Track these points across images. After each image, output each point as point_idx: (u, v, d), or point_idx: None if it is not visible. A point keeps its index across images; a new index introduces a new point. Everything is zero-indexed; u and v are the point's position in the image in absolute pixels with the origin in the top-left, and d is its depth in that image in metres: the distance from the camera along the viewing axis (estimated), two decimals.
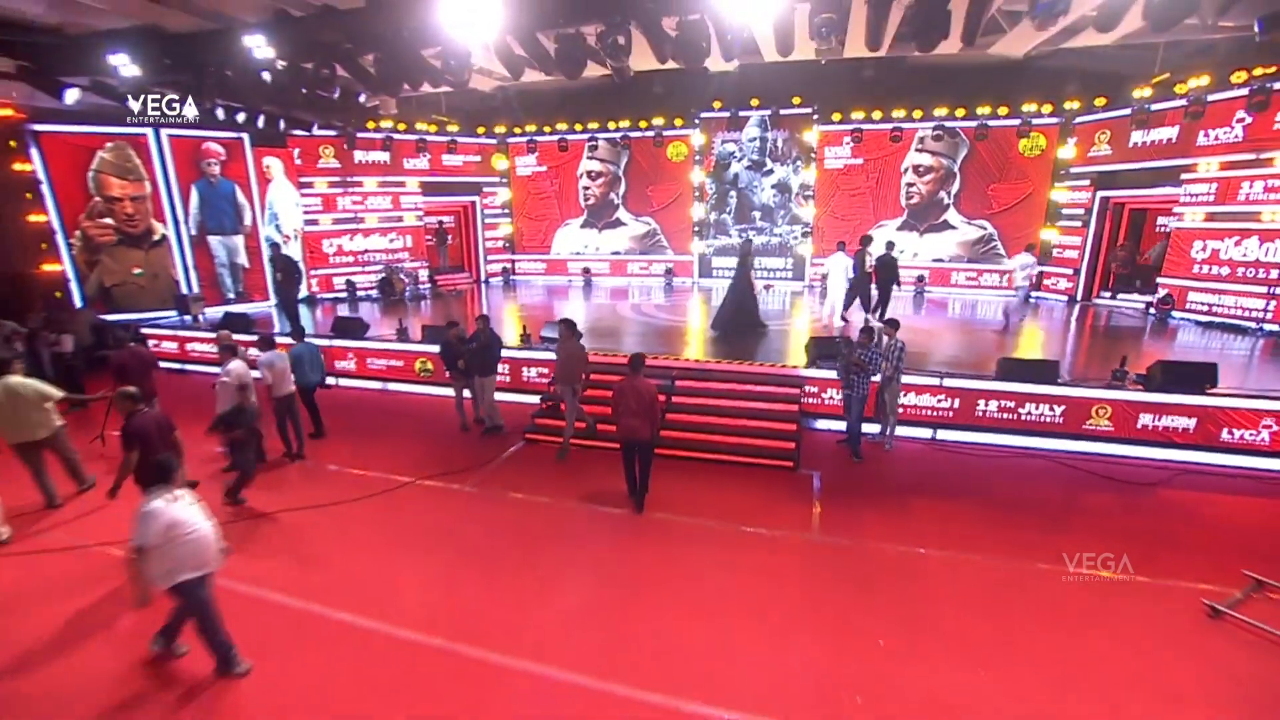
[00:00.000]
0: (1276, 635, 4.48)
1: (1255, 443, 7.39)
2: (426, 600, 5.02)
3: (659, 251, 18.49)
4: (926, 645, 4.47)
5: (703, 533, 6.02)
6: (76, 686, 4.11)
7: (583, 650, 4.41)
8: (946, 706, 3.92)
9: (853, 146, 16.10)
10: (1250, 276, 11.16)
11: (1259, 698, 4.01)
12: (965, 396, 8.14)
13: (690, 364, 8.95)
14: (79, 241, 12.89)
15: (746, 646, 4.47)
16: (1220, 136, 11.46)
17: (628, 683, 4.11)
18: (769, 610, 4.87)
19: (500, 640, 4.50)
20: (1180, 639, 4.55)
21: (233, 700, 4.00)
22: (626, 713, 3.88)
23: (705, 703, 3.93)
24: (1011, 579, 5.29)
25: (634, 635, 4.59)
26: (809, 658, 4.36)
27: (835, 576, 5.34)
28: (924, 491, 6.90)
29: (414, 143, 16.63)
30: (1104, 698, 4.00)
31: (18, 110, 11.37)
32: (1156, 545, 5.73)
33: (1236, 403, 7.32)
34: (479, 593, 5.10)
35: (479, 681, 4.14)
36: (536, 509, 6.55)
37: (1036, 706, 3.93)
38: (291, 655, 4.38)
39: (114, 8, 7.44)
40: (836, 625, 4.70)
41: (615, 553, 5.77)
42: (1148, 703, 3.97)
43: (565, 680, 4.13)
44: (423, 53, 7.25)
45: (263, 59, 7.28)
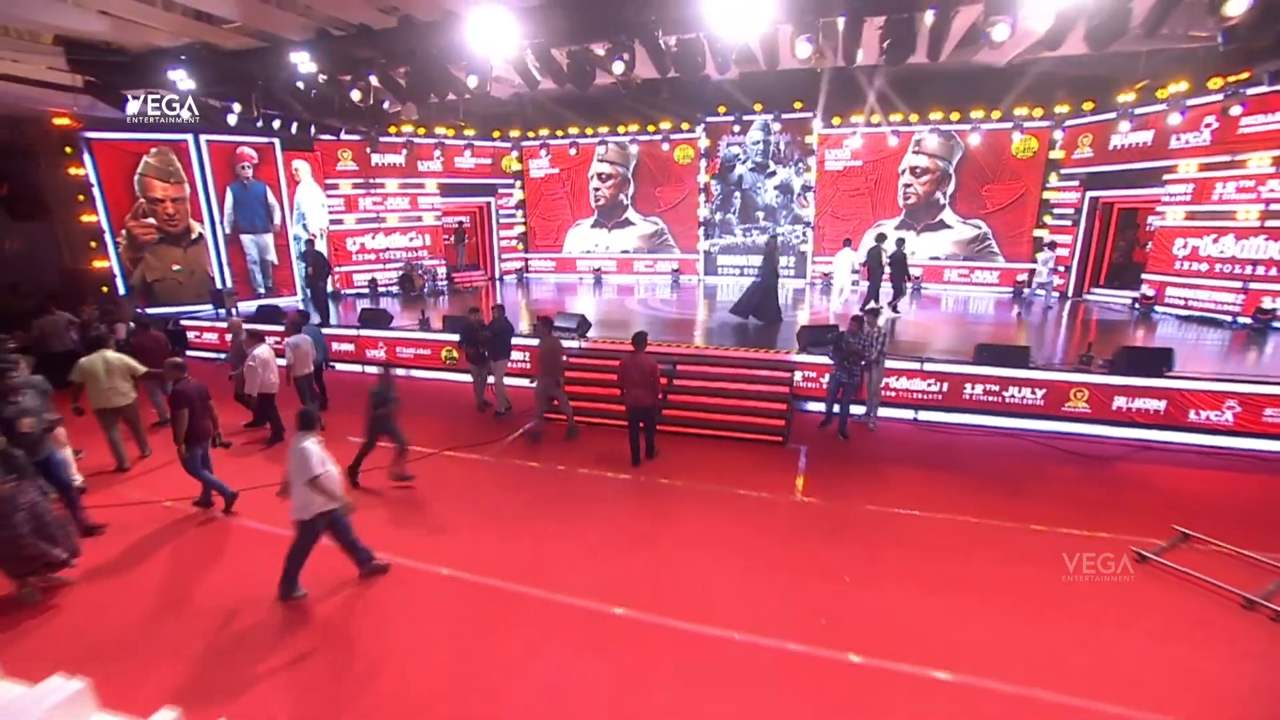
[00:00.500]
0: (1190, 575, 5.17)
1: (1219, 423, 8.01)
2: (455, 546, 5.80)
3: (666, 250, 19.24)
4: (887, 581, 5.20)
5: (698, 494, 6.78)
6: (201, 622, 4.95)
7: (591, 583, 5.17)
8: (899, 626, 4.64)
9: (852, 151, 16.77)
10: (1225, 272, 11.74)
11: (1162, 618, 4.71)
12: (952, 380, 8.81)
13: (692, 350, 9.72)
14: (124, 240, 13.86)
15: (730, 580, 5.22)
16: (1190, 140, 12.09)
17: (628, 606, 4.87)
18: (751, 554, 5.61)
19: (520, 575, 5.28)
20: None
21: (336, 619, 4.81)
22: (628, 630, 4.64)
23: (692, 621, 4.68)
24: (971, 533, 6.00)
25: (634, 572, 5.36)
26: (783, 589, 5.10)
27: (812, 529, 6.08)
28: (901, 463, 7.61)
29: (431, 146, 17.50)
30: (1036, 617, 4.72)
31: (74, 119, 12.33)
32: (1103, 508, 6.41)
33: (1191, 385, 7.96)
34: (499, 540, 5.88)
35: (505, 604, 4.92)
36: (550, 474, 7.33)
37: (978, 625, 4.64)
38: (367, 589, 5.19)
39: (172, 28, 8.32)
40: (809, 566, 5.43)
41: (620, 509, 6.55)
42: (1070, 619, 4.68)
43: (575, 604, 4.90)
44: (448, 66, 8.08)
45: (305, 73, 8.15)
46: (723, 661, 4.29)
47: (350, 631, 4.64)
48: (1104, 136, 13.96)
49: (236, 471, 6.96)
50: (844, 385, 8.18)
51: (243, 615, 4.82)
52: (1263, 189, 11.06)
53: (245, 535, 6.08)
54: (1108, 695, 3.94)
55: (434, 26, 7.65)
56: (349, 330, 12.07)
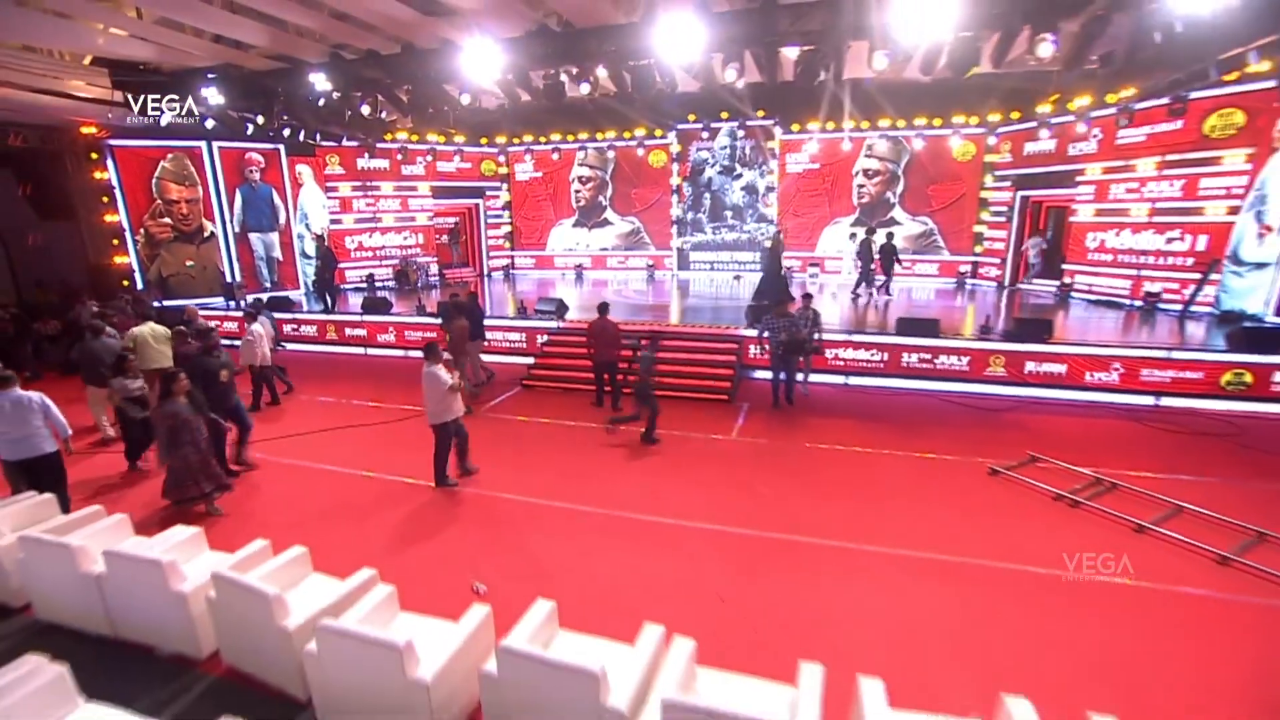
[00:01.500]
0: (1025, 481, 6.74)
1: (1108, 382, 9.61)
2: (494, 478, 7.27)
3: (642, 247, 20.76)
4: (794, 492, 6.72)
5: (672, 441, 8.25)
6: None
7: (566, 494, 6.65)
8: (797, 520, 6.13)
9: (811, 155, 18.39)
10: (1123, 261, 13.46)
11: (997, 507, 6.27)
12: (890, 350, 10.35)
13: (655, 327, 11.22)
14: (143, 238, 15.15)
15: (675, 491, 6.73)
16: (1082, 148, 13.93)
17: (592, 504, 6.36)
18: (692, 475, 7.12)
19: (514, 489, 6.76)
20: (966, 485, 6.80)
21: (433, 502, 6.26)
22: (623, 524, 6.10)
23: (643, 513, 6.18)
24: (871, 459, 7.55)
25: (602, 486, 6.85)
26: (713, 498, 6.60)
27: (742, 459, 7.61)
28: (823, 415, 9.16)
29: (424, 151, 18.88)
30: (910, 509, 6.25)
31: (100, 128, 13.63)
32: (982, 443, 7.98)
33: (1061, 349, 9.62)
34: (517, 472, 7.31)
35: (494, 506, 6.40)
36: (530, 426, 8.79)
37: (864, 519, 6.13)
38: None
39: (205, 52, 9.72)
40: (735, 482, 6.95)
41: (590, 449, 8.02)
42: (940, 510, 6.22)
43: (552, 506, 6.39)
44: (443, 85, 9.53)
45: (321, 90, 9.56)
46: (684, 540, 5.78)
47: (477, 511, 6.12)
48: (1023, 143, 15.73)
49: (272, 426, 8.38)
50: (779, 356, 9.63)
51: (413, 501, 6.38)
52: (1144, 189, 12.82)
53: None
54: (953, 551, 5.47)
55: (432, 53, 9.11)
56: (354, 316, 13.49)
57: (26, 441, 5.44)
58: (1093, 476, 6.79)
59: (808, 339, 9.71)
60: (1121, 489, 6.55)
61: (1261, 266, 11.42)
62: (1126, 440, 8.15)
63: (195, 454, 5.98)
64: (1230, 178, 11.65)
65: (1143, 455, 7.56)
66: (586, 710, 2.92)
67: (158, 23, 8.85)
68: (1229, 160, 11.68)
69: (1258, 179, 11.33)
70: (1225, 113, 11.58)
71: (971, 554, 5.42)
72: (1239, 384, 9.21)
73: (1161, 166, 12.65)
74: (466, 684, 3.40)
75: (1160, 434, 8.34)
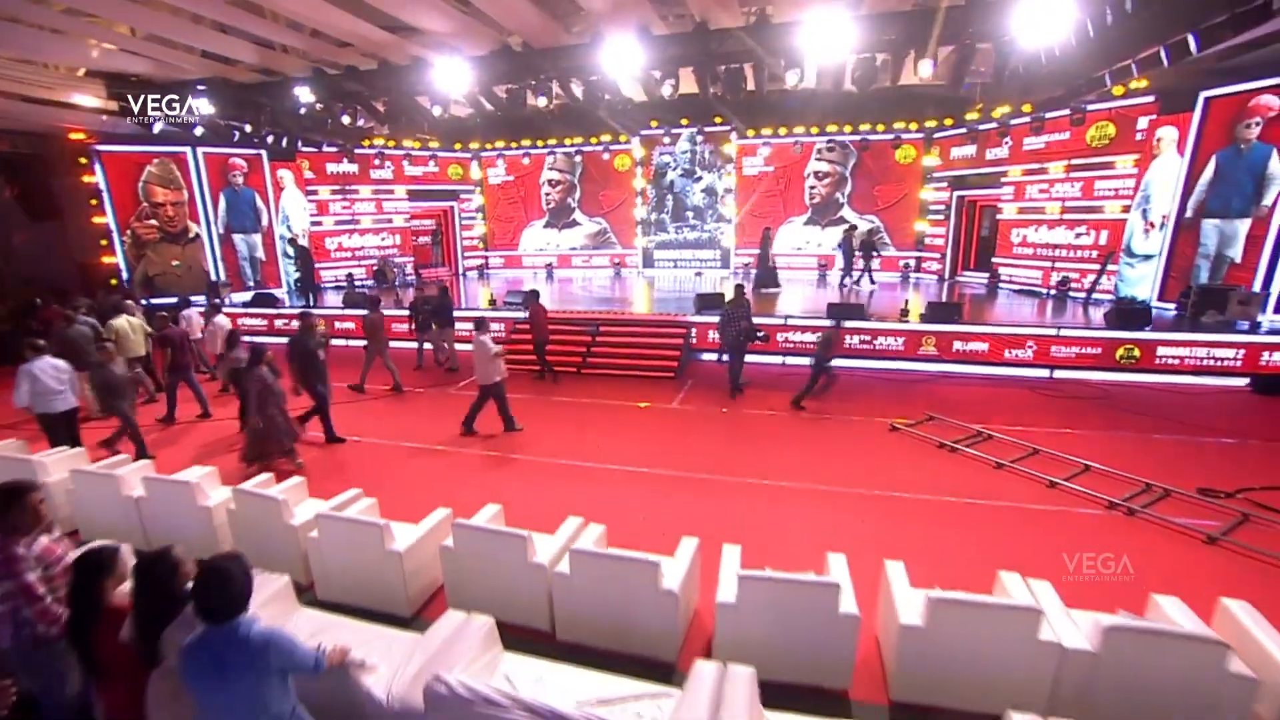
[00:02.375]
0: (918, 434, 7.98)
1: (1024, 358, 10.88)
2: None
3: (609, 246, 21.89)
4: (719, 445, 7.87)
5: (609, 407, 9.40)
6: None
7: (561, 451, 7.73)
8: (718, 464, 7.27)
9: (765, 159, 19.69)
10: (1041, 254, 14.92)
11: (892, 454, 7.49)
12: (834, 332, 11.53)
13: (611, 315, 12.37)
14: (129, 239, 15.89)
15: (625, 446, 7.84)
16: (996, 154, 15.43)
17: (564, 457, 7.45)
18: (638, 433, 8.25)
19: (524, 449, 7.81)
20: (870, 439, 8.00)
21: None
22: (592, 471, 7.18)
23: (599, 462, 7.29)
24: (786, 421, 8.73)
25: (567, 439, 7.94)
26: (654, 448, 7.71)
27: (678, 422, 8.76)
28: (756, 389, 10.33)
29: (396, 156, 19.82)
30: (830, 455, 7.43)
31: (88, 134, 14.40)
32: (892, 406, 9.19)
33: (967, 328, 10.94)
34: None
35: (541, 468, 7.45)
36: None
37: (774, 463, 7.29)
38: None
39: (195, 65, 10.64)
40: (670, 436, 8.09)
41: (551, 414, 9.11)
42: (850, 456, 7.41)
43: (560, 462, 7.46)
44: (416, 98, 10.56)
45: (305, 102, 10.53)
46: (614, 478, 6.89)
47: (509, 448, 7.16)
48: (950, 149, 17.23)
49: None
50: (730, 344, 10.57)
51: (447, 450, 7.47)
52: (1053, 190, 14.31)
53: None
54: (861, 485, 6.64)
55: (406, 68, 10.13)
56: (337, 310, 14.43)
57: (60, 397, 6.46)
58: (974, 430, 8.05)
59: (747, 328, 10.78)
60: (996, 439, 7.80)
61: (1148, 258, 12.91)
62: (1013, 403, 9.45)
63: (280, 415, 6.96)
64: (1121, 180, 13.15)
65: (1023, 414, 8.86)
66: (518, 565, 4.02)
67: (149, 39, 9.75)
68: (1120, 165, 13.18)
69: (1143, 181, 12.83)
70: (1100, 125, 13.14)
71: (861, 486, 6.60)
72: (1129, 357, 10.56)
73: (1069, 170, 14.13)
74: (431, 562, 4.46)
75: (1043, 398, 9.66)
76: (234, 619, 2.28)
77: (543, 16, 8.68)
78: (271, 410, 6.90)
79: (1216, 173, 11.69)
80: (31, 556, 2.92)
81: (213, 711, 2.28)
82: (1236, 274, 11.48)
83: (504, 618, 3.57)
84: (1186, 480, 6.38)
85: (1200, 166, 11.91)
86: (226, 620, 2.26)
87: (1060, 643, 3.24)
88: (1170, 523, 5.69)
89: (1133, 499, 6.12)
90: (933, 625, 3.37)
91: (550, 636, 4.12)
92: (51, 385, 6.59)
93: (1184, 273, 12.32)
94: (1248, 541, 5.31)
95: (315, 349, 7.87)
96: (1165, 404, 9.22)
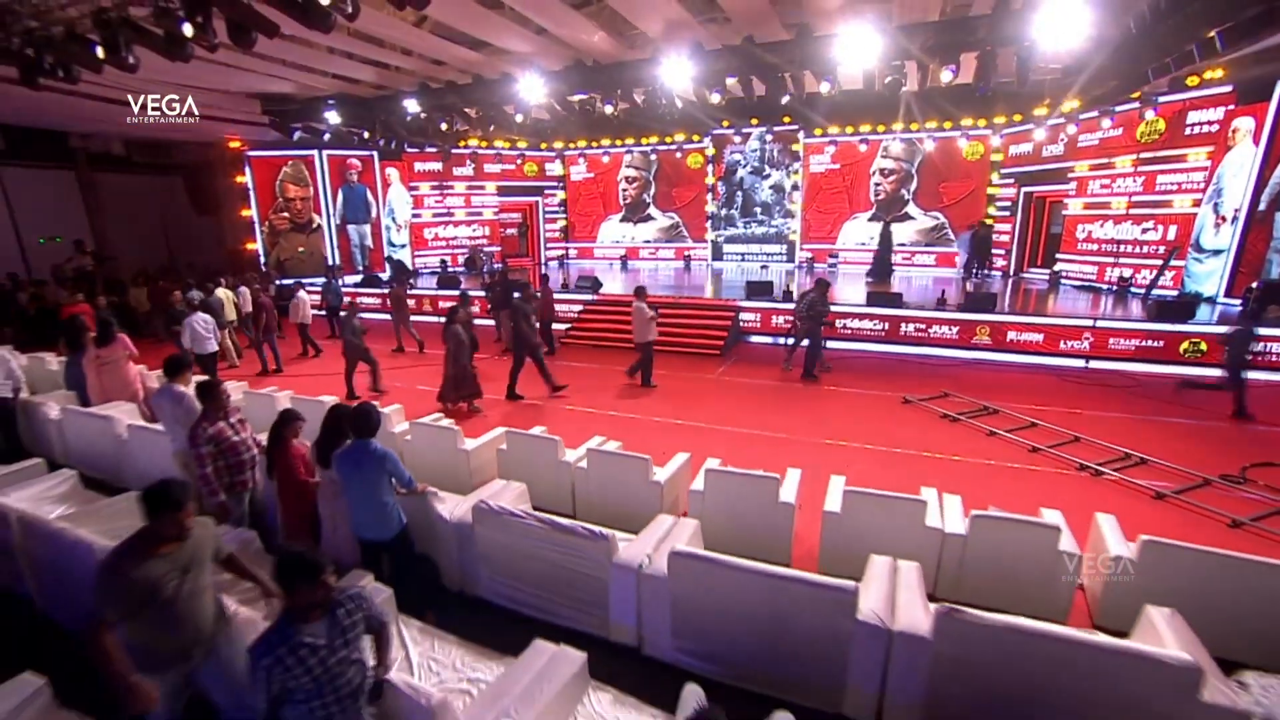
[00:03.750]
0: (927, 405, 8.79)
1: (1079, 349, 11.24)
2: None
3: (681, 240, 23.15)
4: (752, 410, 9.01)
5: (664, 377, 10.65)
6: None
7: (628, 407, 9.20)
8: (750, 421, 8.43)
9: (832, 156, 20.30)
10: (1104, 250, 14.84)
11: (902, 420, 8.38)
12: (889, 320, 12.32)
13: (670, 299, 13.67)
14: (267, 228, 18.79)
15: (659, 407, 9.15)
16: (1053, 150, 15.47)
17: (650, 415, 8.87)
18: (684, 400, 9.52)
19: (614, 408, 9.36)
20: (884, 410, 8.89)
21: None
22: (655, 425, 8.61)
23: (677, 419, 8.64)
24: (827, 393, 9.73)
25: (646, 405, 9.35)
26: (700, 413, 8.97)
27: (717, 389, 9.94)
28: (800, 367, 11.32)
29: (488, 156, 21.97)
30: (837, 420, 8.44)
31: (242, 142, 17.27)
32: (915, 386, 9.95)
33: (1003, 319, 11.41)
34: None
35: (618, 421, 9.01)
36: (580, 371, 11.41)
37: (801, 424, 8.37)
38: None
39: (327, 85, 12.86)
40: (711, 401, 9.30)
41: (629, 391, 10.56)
42: (854, 419, 8.39)
43: (635, 418, 8.94)
44: (503, 106, 12.30)
45: (413, 111, 12.53)
46: (667, 430, 8.23)
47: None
48: (1010, 144, 17.30)
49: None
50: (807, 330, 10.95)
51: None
52: (1115, 185, 14.25)
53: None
54: (859, 440, 7.67)
55: (495, 81, 11.86)
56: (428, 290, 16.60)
57: (209, 341, 8.77)
58: (980, 405, 8.76)
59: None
60: (1002, 414, 8.49)
61: (1218, 253, 12.71)
62: (1034, 387, 9.94)
63: (471, 366, 8.76)
64: (1193, 173, 12.99)
65: (1038, 396, 9.39)
66: (553, 464, 5.42)
67: (294, 66, 11.97)
68: (1192, 158, 13.02)
69: (1215, 174, 12.64)
70: (1151, 120, 13.08)
71: (858, 441, 7.59)
72: (1195, 352, 10.62)
73: (1136, 164, 14.03)
74: (490, 460, 5.94)
75: (1068, 384, 10.09)
76: (369, 439, 3.81)
77: (607, 38, 10.10)
78: (464, 361, 8.63)
79: None
80: (206, 437, 4.35)
81: (351, 488, 3.84)
82: None
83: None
84: (1182, 459, 6.77)
85: (1276, 158, 11.69)
86: (365, 438, 3.80)
87: (942, 529, 4.27)
88: (1130, 483, 6.35)
89: (1107, 464, 6.77)
90: (847, 511, 4.48)
91: None
92: (202, 333, 8.88)
93: (1254, 268, 12.11)
94: (1200, 501, 5.92)
95: (529, 313, 9.34)
96: (1195, 393, 9.43)
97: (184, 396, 4.81)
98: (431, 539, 4.30)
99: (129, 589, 2.62)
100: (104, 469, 6.16)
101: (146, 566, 2.67)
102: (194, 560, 2.81)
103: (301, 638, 2.34)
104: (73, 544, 3.63)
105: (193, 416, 4.52)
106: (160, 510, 2.70)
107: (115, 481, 6.01)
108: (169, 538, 2.74)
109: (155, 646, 2.75)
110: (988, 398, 9.12)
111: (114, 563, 2.68)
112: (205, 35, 6.62)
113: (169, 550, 2.74)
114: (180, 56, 7.02)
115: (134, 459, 5.90)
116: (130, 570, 2.64)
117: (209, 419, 4.35)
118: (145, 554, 2.70)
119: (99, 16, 6.78)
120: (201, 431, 4.27)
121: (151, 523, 2.73)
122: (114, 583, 2.63)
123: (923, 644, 3.06)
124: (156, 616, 2.70)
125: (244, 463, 4.46)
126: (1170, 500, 5.99)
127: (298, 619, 2.38)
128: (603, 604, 3.80)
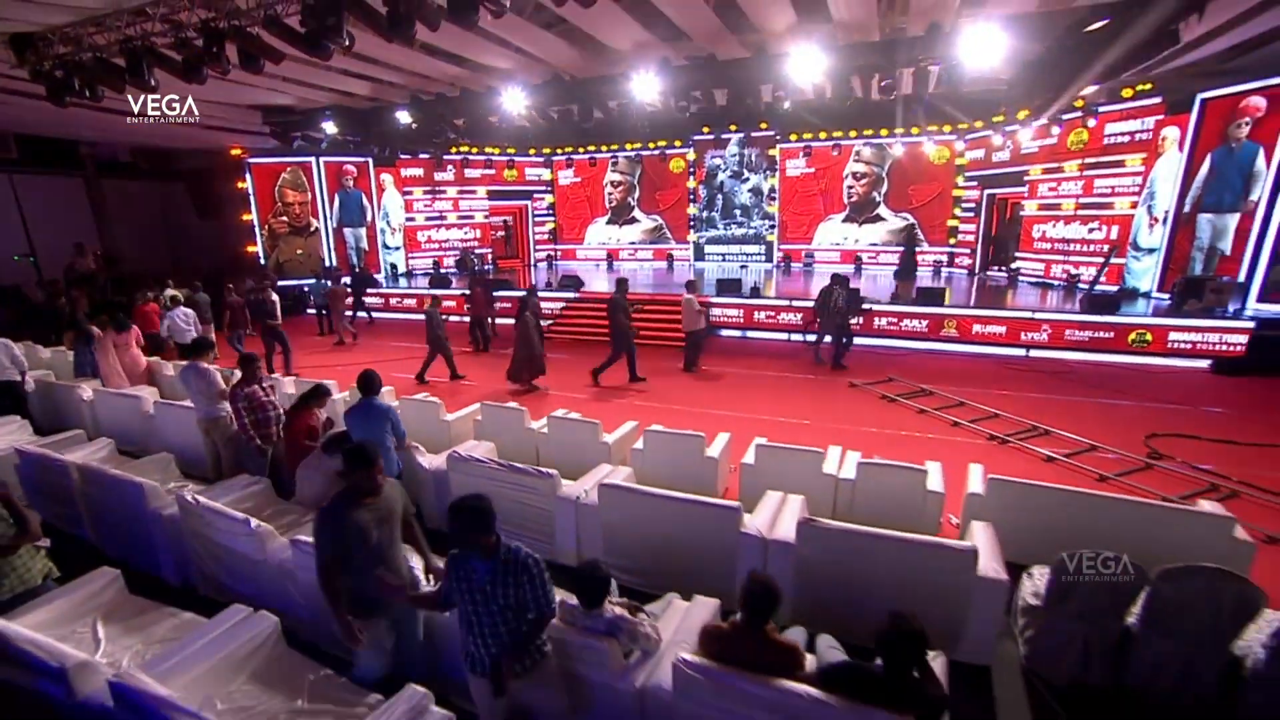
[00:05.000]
0: (872, 390, 9.72)
1: (1039, 340, 12.15)
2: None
3: (665, 242, 24.09)
4: (730, 392, 9.93)
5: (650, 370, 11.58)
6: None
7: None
8: (726, 403, 9.33)
9: (806, 160, 21.27)
10: (1057, 249, 15.84)
11: (842, 401, 9.30)
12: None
13: (648, 296, 14.58)
14: (266, 232, 19.66)
15: (678, 393, 10.06)
16: (998, 156, 16.54)
17: (581, 395, 9.77)
18: (656, 393, 10.44)
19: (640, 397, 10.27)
20: (829, 392, 9.82)
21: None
22: (676, 411, 9.52)
23: (681, 405, 9.55)
24: (774, 380, 10.65)
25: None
26: (694, 396, 9.88)
27: (687, 378, 10.86)
28: (750, 355, 12.23)
29: (478, 162, 22.89)
30: (787, 401, 9.36)
31: (243, 150, 18.16)
32: (868, 373, 10.88)
33: (949, 311, 12.36)
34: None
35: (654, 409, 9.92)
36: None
37: (758, 405, 9.30)
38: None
39: (325, 97, 13.77)
40: (697, 390, 10.21)
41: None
42: (802, 401, 9.31)
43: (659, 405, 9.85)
44: (489, 118, 13.25)
45: (405, 121, 13.45)
46: (660, 414, 9.14)
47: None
48: (974, 148, 18.27)
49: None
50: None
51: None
52: (1062, 187, 15.28)
53: None
54: (800, 417, 8.59)
55: (480, 94, 12.80)
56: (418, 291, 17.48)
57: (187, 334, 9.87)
58: (918, 387, 9.70)
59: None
60: (935, 395, 9.42)
61: (1151, 251, 13.72)
62: (976, 373, 10.89)
63: (540, 351, 9.83)
64: (1130, 178, 14.01)
65: (977, 380, 10.32)
66: (589, 444, 6.27)
67: (295, 81, 12.87)
68: (1130, 163, 14.03)
69: (1149, 178, 13.65)
70: (1077, 131, 14.18)
71: (800, 418, 8.52)
72: (1141, 341, 11.55)
73: (1082, 169, 15.04)
74: (468, 429, 6.83)
75: (1005, 370, 11.05)
76: (374, 396, 4.78)
77: (580, 55, 11.05)
78: (534, 343, 9.66)
79: (1211, 170, 12.47)
80: (242, 396, 5.43)
81: (358, 436, 4.74)
82: (1226, 265, 12.24)
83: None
84: (1092, 433, 7.61)
85: (1198, 164, 12.70)
86: (371, 396, 4.77)
87: (836, 475, 5.20)
88: (1030, 449, 7.29)
89: (1015, 435, 7.71)
90: (760, 462, 5.40)
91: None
92: (181, 325, 10.03)
93: (1181, 265, 13.10)
94: (1082, 463, 6.86)
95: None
96: (1120, 378, 10.37)
97: (206, 372, 5.73)
98: (414, 484, 5.22)
99: (344, 530, 3.06)
100: (131, 440, 7.05)
101: (356, 514, 3.09)
102: (390, 513, 3.25)
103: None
104: (125, 484, 4.52)
105: (213, 388, 5.49)
106: (357, 466, 3.14)
107: (142, 451, 6.90)
108: (367, 490, 3.17)
109: (363, 591, 3.13)
110: (927, 380, 10.06)
111: (332, 508, 3.14)
112: (219, 63, 7.51)
113: (371, 502, 3.17)
114: (196, 80, 7.92)
115: (160, 430, 6.80)
116: (344, 514, 3.08)
117: (245, 383, 5.34)
118: (354, 503, 3.12)
119: (126, 45, 7.68)
120: (240, 392, 5.27)
121: (353, 478, 3.18)
122: (333, 524, 3.07)
123: (788, 548, 3.99)
124: (364, 561, 3.09)
125: (270, 419, 5.51)
126: (1059, 463, 6.93)
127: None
128: (549, 531, 4.71)
